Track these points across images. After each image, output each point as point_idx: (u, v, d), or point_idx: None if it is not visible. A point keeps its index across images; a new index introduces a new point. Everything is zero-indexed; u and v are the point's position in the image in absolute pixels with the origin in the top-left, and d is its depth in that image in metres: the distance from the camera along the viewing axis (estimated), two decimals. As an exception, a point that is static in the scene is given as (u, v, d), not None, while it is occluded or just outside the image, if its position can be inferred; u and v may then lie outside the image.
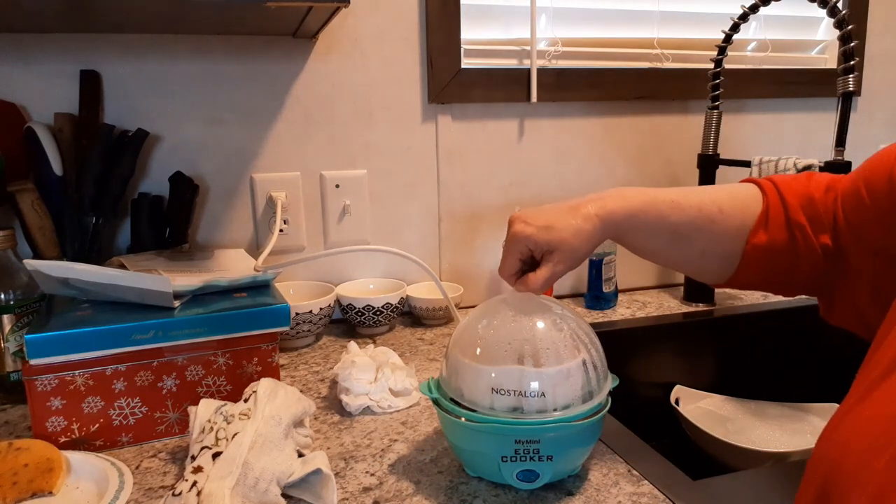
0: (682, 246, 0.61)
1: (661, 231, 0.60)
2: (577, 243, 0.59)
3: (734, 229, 0.60)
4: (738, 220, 0.59)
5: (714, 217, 0.60)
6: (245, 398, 0.64)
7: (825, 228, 0.57)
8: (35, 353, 0.64)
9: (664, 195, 0.61)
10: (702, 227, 0.60)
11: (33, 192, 0.85)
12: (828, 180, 0.59)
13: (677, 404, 0.99)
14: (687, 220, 0.60)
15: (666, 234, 0.61)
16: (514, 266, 0.62)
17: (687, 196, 0.61)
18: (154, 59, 0.94)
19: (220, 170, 1.00)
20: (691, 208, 0.60)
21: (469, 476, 0.61)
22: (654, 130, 1.22)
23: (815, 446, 0.41)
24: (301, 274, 1.06)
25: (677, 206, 0.60)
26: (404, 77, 1.06)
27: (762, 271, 0.60)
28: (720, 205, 0.60)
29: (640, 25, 1.20)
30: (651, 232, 0.61)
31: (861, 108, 1.36)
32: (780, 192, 0.59)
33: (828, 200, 0.57)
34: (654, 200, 0.60)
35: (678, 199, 0.60)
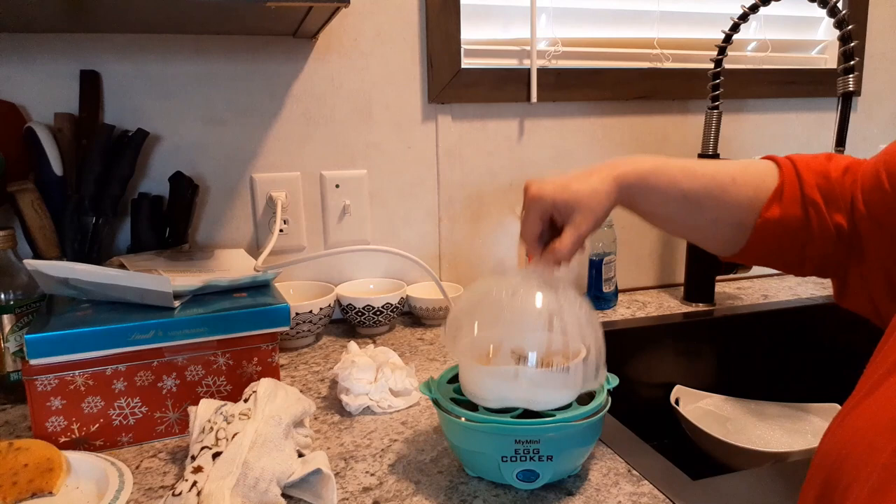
0: (692, 212, 0.61)
1: (672, 196, 0.60)
2: (595, 203, 0.59)
3: (747, 200, 0.59)
4: (751, 191, 0.59)
5: (727, 186, 0.59)
6: (245, 398, 0.64)
7: (840, 209, 0.56)
8: (35, 353, 0.64)
9: (677, 162, 0.61)
10: (714, 194, 0.59)
11: (33, 192, 0.85)
12: (847, 162, 0.58)
13: (677, 404, 0.99)
14: (699, 187, 0.60)
15: (677, 200, 0.60)
16: (537, 227, 0.62)
17: (701, 164, 0.61)
18: (154, 59, 0.94)
19: (220, 170, 1.00)
20: (704, 175, 0.60)
21: (469, 476, 0.61)
22: (654, 130, 1.22)
23: (819, 442, 0.41)
24: (301, 274, 1.06)
25: (690, 171, 0.60)
26: (404, 77, 1.06)
27: (773, 246, 0.59)
28: (734, 175, 0.59)
29: (640, 25, 1.20)
30: (662, 196, 0.61)
31: (861, 108, 1.36)
32: (796, 168, 0.58)
33: (846, 181, 0.56)
34: (666, 165, 0.61)
35: (691, 166, 0.61)
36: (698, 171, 0.60)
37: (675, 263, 1.27)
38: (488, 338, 0.62)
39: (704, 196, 0.60)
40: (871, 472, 0.33)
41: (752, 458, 0.84)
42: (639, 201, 0.62)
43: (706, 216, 0.61)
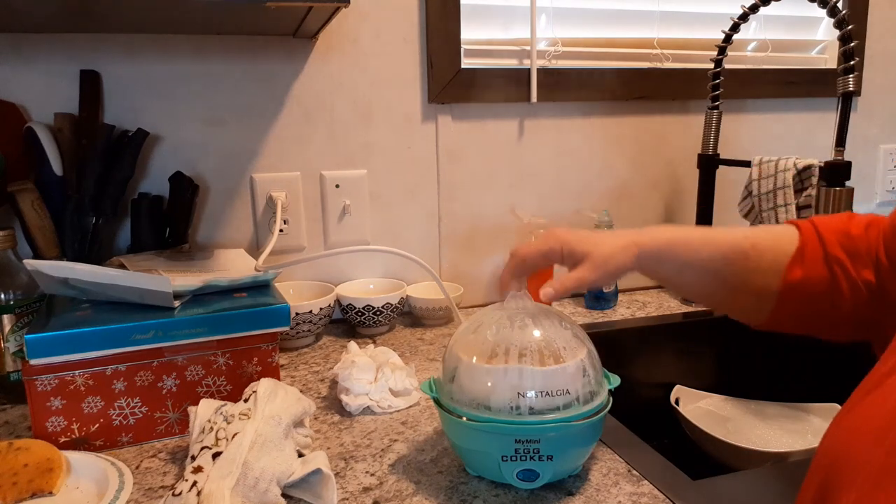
0: (714, 281, 0.61)
1: (692, 264, 0.61)
2: (609, 260, 0.60)
3: (768, 265, 0.59)
4: (771, 255, 0.58)
5: (747, 252, 0.59)
6: (245, 398, 0.64)
7: (867, 264, 0.55)
8: (35, 353, 0.64)
9: (697, 231, 0.62)
10: (734, 261, 0.59)
11: (33, 192, 0.85)
12: (868, 218, 0.58)
13: (677, 404, 0.99)
14: (719, 255, 0.60)
15: (697, 268, 0.61)
16: (537, 257, 0.62)
17: (720, 232, 0.62)
18: (154, 59, 0.94)
19: (220, 170, 1.00)
20: (724, 243, 0.60)
21: (469, 476, 0.61)
22: (654, 130, 1.22)
23: (820, 441, 0.41)
24: (301, 274, 1.06)
25: (710, 240, 0.61)
26: (404, 77, 1.06)
27: (801, 309, 0.58)
28: (753, 241, 0.60)
29: (640, 25, 1.20)
30: (683, 264, 0.61)
31: (861, 108, 1.36)
32: (816, 229, 0.58)
33: (870, 237, 0.56)
34: (687, 235, 0.61)
35: (710, 234, 0.61)
36: (717, 238, 0.61)
37: (675, 263, 1.27)
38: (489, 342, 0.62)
39: (724, 264, 0.60)
40: (867, 472, 0.33)
41: (752, 458, 0.84)
42: (659, 269, 0.62)
43: (728, 284, 0.61)
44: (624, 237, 0.61)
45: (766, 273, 0.59)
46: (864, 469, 0.34)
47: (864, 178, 1.38)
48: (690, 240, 0.61)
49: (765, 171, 1.05)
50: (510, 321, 0.60)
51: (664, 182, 1.24)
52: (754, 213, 1.09)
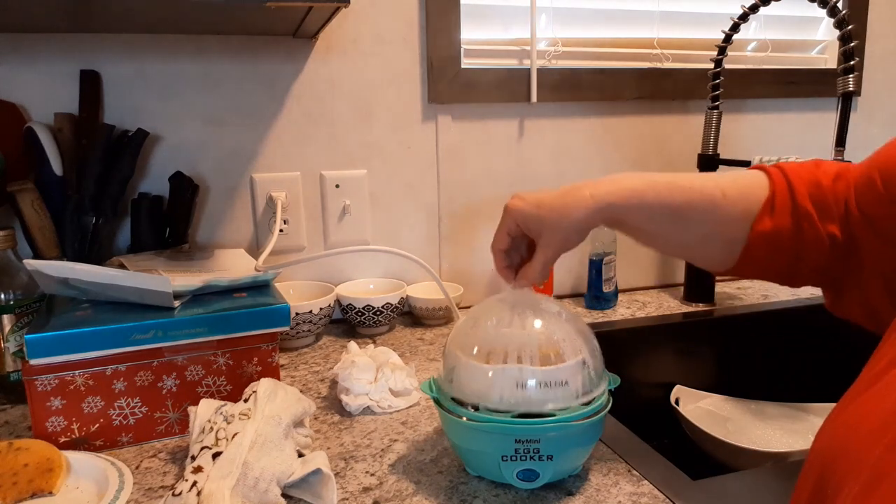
0: (681, 229, 0.59)
1: (659, 213, 0.58)
2: (565, 223, 0.58)
3: (738, 214, 0.57)
4: (742, 204, 0.57)
5: (717, 200, 0.57)
6: (245, 398, 0.64)
7: (833, 218, 0.55)
8: (35, 353, 0.64)
9: (663, 177, 0.59)
10: (703, 209, 0.58)
11: (33, 192, 0.85)
12: (837, 168, 0.57)
13: (677, 404, 0.99)
14: (686, 202, 0.58)
15: (665, 217, 0.58)
16: (503, 241, 0.62)
17: (688, 178, 0.59)
18: (154, 59, 0.94)
19: (220, 170, 1.00)
20: (692, 190, 0.58)
21: (469, 476, 0.61)
22: (654, 130, 1.22)
23: (814, 438, 0.41)
24: (301, 274, 1.06)
25: (677, 187, 0.58)
26: (404, 77, 1.06)
27: (766, 260, 0.58)
28: (723, 188, 0.58)
29: (640, 25, 1.20)
30: (649, 214, 0.58)
31: (861, 108, 1.36)
32: (787, 178, 0.57)
33: (838, 188, 0.55)
34: (652, 182, 0.59)
35: (678, 181, 0.59)
36: (686, 185, 0.58)
37: (675, 263, 1.27)
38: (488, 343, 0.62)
39: (693, 212, 0.58)
40: (863, 469, 0.33)
41: (752, 458, 0.84)
42: (624, 220, 0.59)
43: (696, 232, 0.59)
44: (578, 191, 0.58)
45: (734, 222, 0.57)
46: (861, 467, 0.33)
47: (864, 178, 1.37)
48: (656, 187, 0.58)
49: (765, 171, 1.05)
50: (510, 313, 0.60)
51: (664, 182, 1.24)
52: (754, 213, 1.09)
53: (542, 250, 0.60)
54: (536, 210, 0.59)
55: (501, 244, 0.63)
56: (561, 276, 1.19)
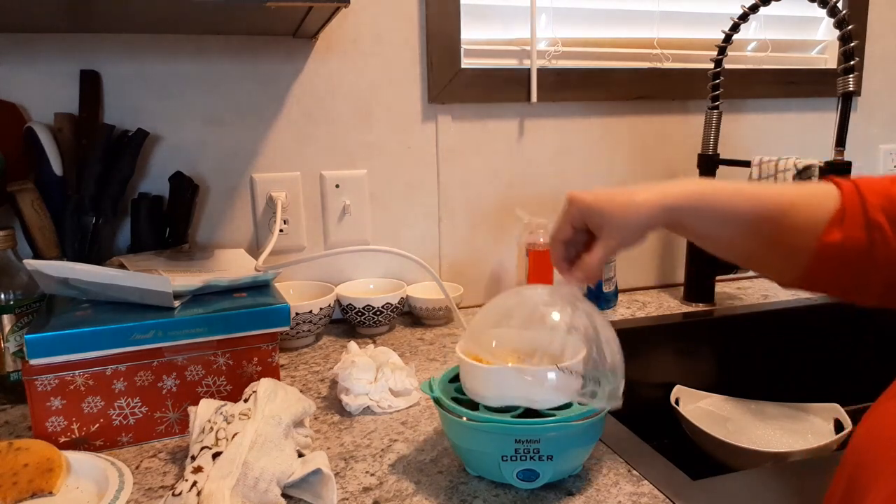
0: (745, 236, 0.58)
1: (722, 218, 0.57)
2: (629, 218, 0.58)
3: (805, 223, 0.55)
4: (809, 214, 0.55)
5: (783, 208, 0.56)
6: (245, 398, 0.64)
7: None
8: (35, 353, 0.64)
9: (729, 183, 0.59)
10: (768, 217, 0.57)
11: (33, 192, 0.85)
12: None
13: (677, 404, 0.99)
14: (752, 208, 0.57)
15: (728, 222, 0.58)
16: (566, 230, 0.61)
17: (754, 186, 0.59)
18: (154, 59, 0.94)
19: (220, 170, 1.00)
20: (758, 197, 0.57)
21: (469, 476, 0.61)
22: (654, 130, 1.22)
23: (850, 439, 0.40)
24: (301, 274, 1.06)
25: (742, 193, 0.57)
26: (404, 77, 1.06)
27: (834, 273, 0.56)
28: (790, 197, 0.56)
29: (640, 25, 1.20)
30: (712, 218, 0.58)
31: (861, 108, 1.36)
32: (859, 190, 0.55)
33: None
34: (718, 187, 0.58)
35: (744, 188, 0.58)
36: (751, 192, 0.58)
37: (675, 263, 1.27)
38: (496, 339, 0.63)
39: (760, 219, 0.57)
40: (889, 476, 0.33)
41: (752, 458, 0.84)
42: (688, 223, 0.59)
43: (759, 240, 0.58)
44: (646, 191, 0.58)
45: (802, 232, 0.55)
46: (888, 471, 0.33)
47: (864, 178, 1.37)
48: (722, 192, 0.58)
49: (765, 171, 1.05)
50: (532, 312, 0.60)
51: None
52: (754, 213, 1.09)
53: (602, 243, 0.59)
54: (601, 203, 0.59)
55: (563, 234, 0.61)
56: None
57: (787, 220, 0.56)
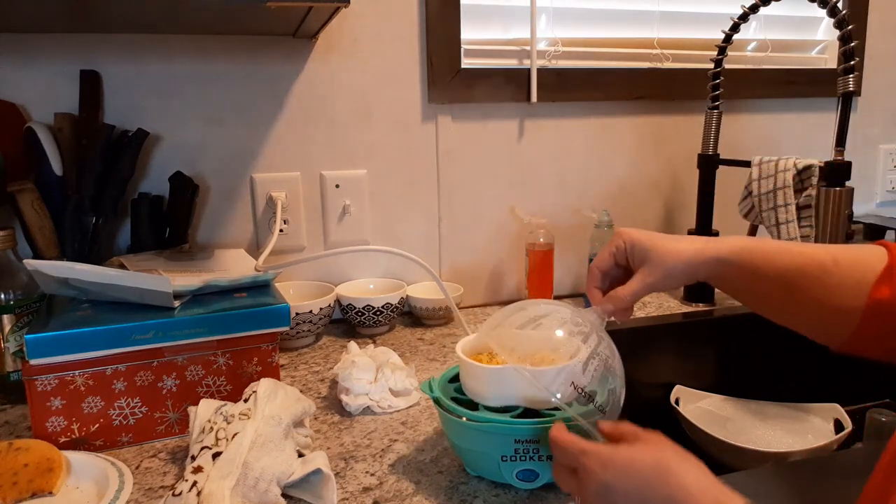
0: (789, 294, 0.57)
1: (767, 273, 0.57)
2: (672, 260, 0.59)
3: (852, 282, 0.54)
4: (856, 272, 0.54)
5: (827, 266, 0.55)
6: (245, 398, 0.64)
7: None
8: (35, 353, 0.64)
9: (773, 242, 0.59)
10: (813, 274, 0.56)
11: (33, 192, 0.85)
12: None
13: (677, 404, 0.99)
14: (795, 266, 0.56)
15: (772, 278, 0.57)
16: (607, 260, 0.62)
17: (798, 245, 0.59)
18: (154, 59, 0.94)
19: (220, 170, 1.00)
20: (801, 255, 0.57)
21: (469, 476, 0.61)
22: (654, 130, 1.22)
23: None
24: (301, 274, 1.06)
25: (786, 250, 0.58)
26: (404, 77, 1.06)
27: (886, 332, 0.54)
28: (835, 255, 0.56)
29: (640, 25, 1.20)
30: (755, 274, 0.58)
31: (861, 108, 1.36)
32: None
33: None
34: (762, 243, 0.59)
35: (788, 246, 0.58)
36: (795, 250, 0.58)
37: (675, 263, 1.27)
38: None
39: (802, 277, 0.56)
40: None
41: (753, 458, 0.84)
42: (730, 277, 0.59)
43: (804, 298, 0.57)
44: (696, 241, 0.60)
45: (848, 290, 0.54)
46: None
47: (864, 178, 1.38)
48: (765, 248, 0.58)
49: (765, 171, 1.05)
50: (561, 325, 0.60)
51: (664, 182, 1.24)
52: (754, 213, 1.09)
53: (640, 278, 0.60)
54: (647, 240, 0.60)
55: (604, 264, 0.62)
56: (561, 276, 1.19)
57: (830, 278, 0.55)
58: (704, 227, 1.14)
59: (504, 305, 0.65)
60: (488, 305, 1.17)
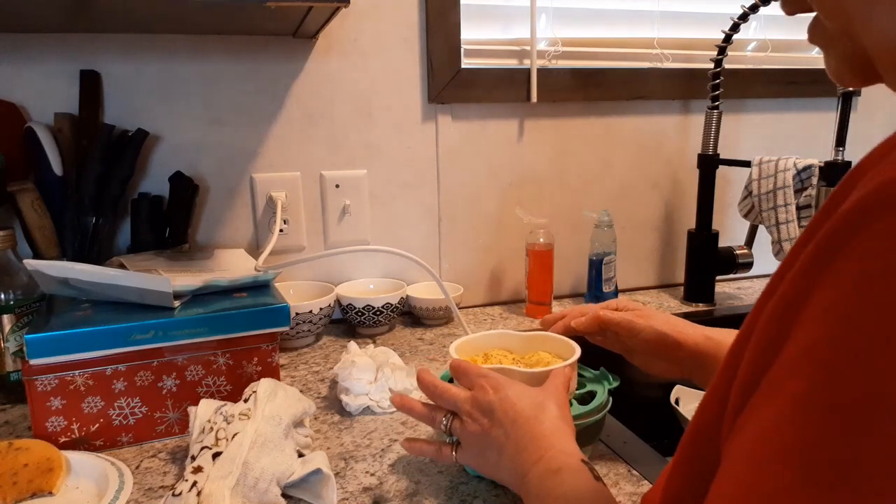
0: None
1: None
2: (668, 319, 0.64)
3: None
4: None
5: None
6: (245, 398, 0.64)
7: None
8: (35, 353, 0.64)
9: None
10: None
11: (33, 192, 0.85)
12: None
13: (677, 404, 0.99)
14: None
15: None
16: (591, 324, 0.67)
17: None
18: (154, 59, 0.94)
19: (220, 170, 1.00)
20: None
21: (469, 476, 0.61)
22: (654, 130, 1.22)
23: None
24: (301, 274, 1.06)
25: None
26: (404, 77, 1.06)
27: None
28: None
29: (640, 25, 1.20)
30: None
31: (861, 108, 1.36)
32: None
33: None
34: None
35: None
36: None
37: (675, 263, 1.27)
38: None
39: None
40: None
41: (752, 458, 0.84)
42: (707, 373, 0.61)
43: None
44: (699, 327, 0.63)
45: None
46: None
47: (864, 178, 1.37)
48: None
49: (765, 171, 1.05)
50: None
51: (664, 182, 1.24)
52: (754, 213, 1.09)
53: (630, 315, 0.65)
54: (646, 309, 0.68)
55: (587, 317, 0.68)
56: (561, 276, 1.19)
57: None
58: (704, 227, 1.14)
59: (504, 305, 0.65)
60: (488, 305, 1.17)
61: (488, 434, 0.51)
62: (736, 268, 1.15)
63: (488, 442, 0.51)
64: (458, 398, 0.54)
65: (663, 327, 0.63)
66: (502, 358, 0.66)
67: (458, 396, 0.55)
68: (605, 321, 0.66)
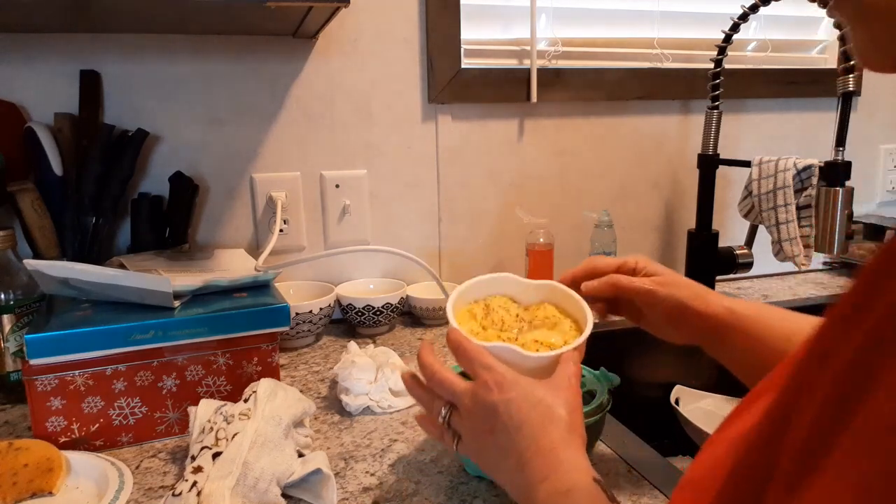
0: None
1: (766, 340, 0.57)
2: (687, 284, 0.60)
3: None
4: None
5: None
6: (245, 398, 0.64)
7: None
8: (35, 353, 0.64)
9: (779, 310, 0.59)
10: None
11: (33, 192, 0.85)
12: None
13: (677, 404, 0.99)
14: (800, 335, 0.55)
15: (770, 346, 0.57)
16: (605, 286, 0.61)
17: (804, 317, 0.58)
18: (154, 59, 0.94)
19: (220, 170, 1.00)
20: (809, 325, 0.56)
21: (469, 476, 0.61)
22: (654, 130, 1.22)
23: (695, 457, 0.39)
24: (301, 274, 1.06)
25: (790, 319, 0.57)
26: (404, 77, 1.06)
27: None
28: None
29: (640, 25, 1.20)
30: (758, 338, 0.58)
31: (861, 108, 1.35)
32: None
33: None
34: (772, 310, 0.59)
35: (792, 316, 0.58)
36: (802, 321, 0.57)
37: (675, 263, 1.27)
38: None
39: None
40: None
41: (752, 458, 0.84)
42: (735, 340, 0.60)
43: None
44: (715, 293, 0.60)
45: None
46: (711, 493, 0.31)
47: (864, 178, 1.38)
48: (772, 315, 0.57)
49: (765, 171, 1.05)
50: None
51: (664, 182, 1.24)
52: (754, 213, 1.09)
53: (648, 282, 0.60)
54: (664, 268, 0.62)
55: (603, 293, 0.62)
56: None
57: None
58: (704, 227, 1.14)
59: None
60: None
61: (489, 437, 0.48)
62: (736, 268, 1.15)
63: (488, 445, 0.48)
64: (458, 391, 0.50)
65: (685, 298, 0.59)
66: (505, 313, 0.61)
67: (458, 388, 0.50)
68: (623, 288, 0.61)
